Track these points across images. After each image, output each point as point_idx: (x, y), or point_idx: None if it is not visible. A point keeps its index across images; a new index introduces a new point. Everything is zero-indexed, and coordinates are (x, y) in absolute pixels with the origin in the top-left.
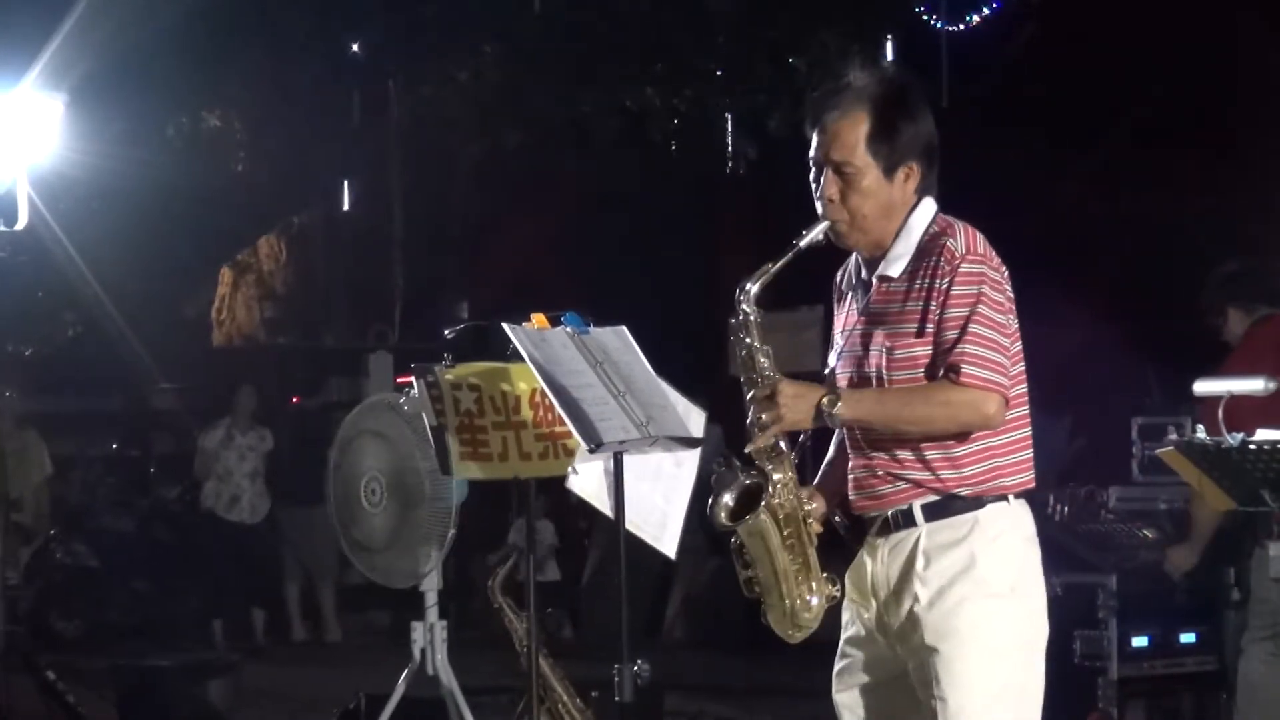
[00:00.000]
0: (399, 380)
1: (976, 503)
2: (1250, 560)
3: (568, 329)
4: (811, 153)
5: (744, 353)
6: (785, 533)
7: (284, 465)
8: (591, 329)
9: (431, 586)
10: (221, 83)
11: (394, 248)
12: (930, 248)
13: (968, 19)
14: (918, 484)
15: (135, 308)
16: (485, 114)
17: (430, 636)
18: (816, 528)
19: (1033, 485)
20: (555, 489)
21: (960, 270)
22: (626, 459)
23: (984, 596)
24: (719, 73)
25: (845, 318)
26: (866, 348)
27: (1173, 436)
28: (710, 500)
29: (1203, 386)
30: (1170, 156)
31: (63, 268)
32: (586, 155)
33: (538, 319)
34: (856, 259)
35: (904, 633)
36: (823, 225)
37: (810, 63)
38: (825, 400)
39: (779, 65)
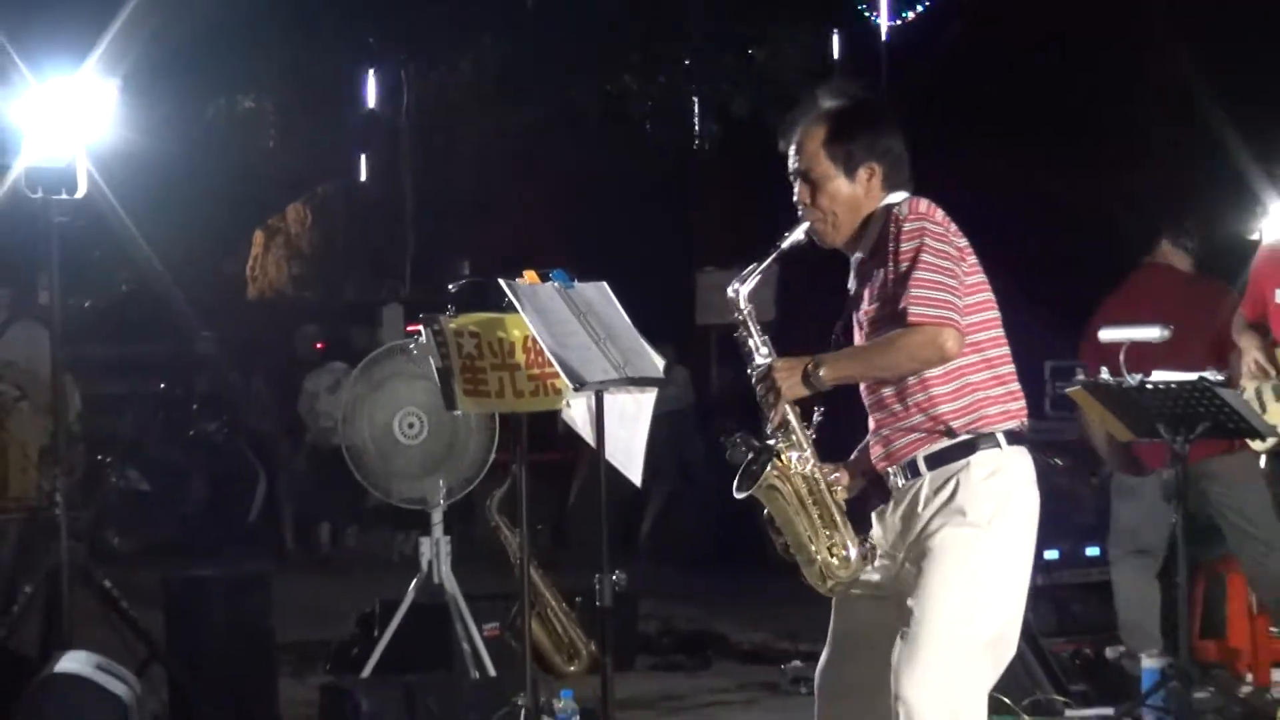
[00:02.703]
0: (409, 329)
1: (969, 447)
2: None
3: (556, 284)
4: (789, 167)
5: (744, 348)
6: (807, 499)
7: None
8: (576, 284)
9: (437, 507)
10: (254, 70)
11: (405, 214)
12: (885, 222)
13: (903, 15)
14: (915, 432)
15: (179, 266)
16: (486, 98)
17: (436, 551)
18: (843, 494)
19: (1023, 419)
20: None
21: (904, 229)
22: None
23: (961, 524)
24: (688, 62)
25: (851, 303)
26: (856, 319)
27: (1079, 377)
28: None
29: (1107, 334)
30: (1083, 142)
31: (116, 232)
32: (575, 133)
33: (529, 275)
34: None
35: (909, 564)
36: (802, 227)
37: (768, 54)
38: (810, 365)
39: (741, 56)
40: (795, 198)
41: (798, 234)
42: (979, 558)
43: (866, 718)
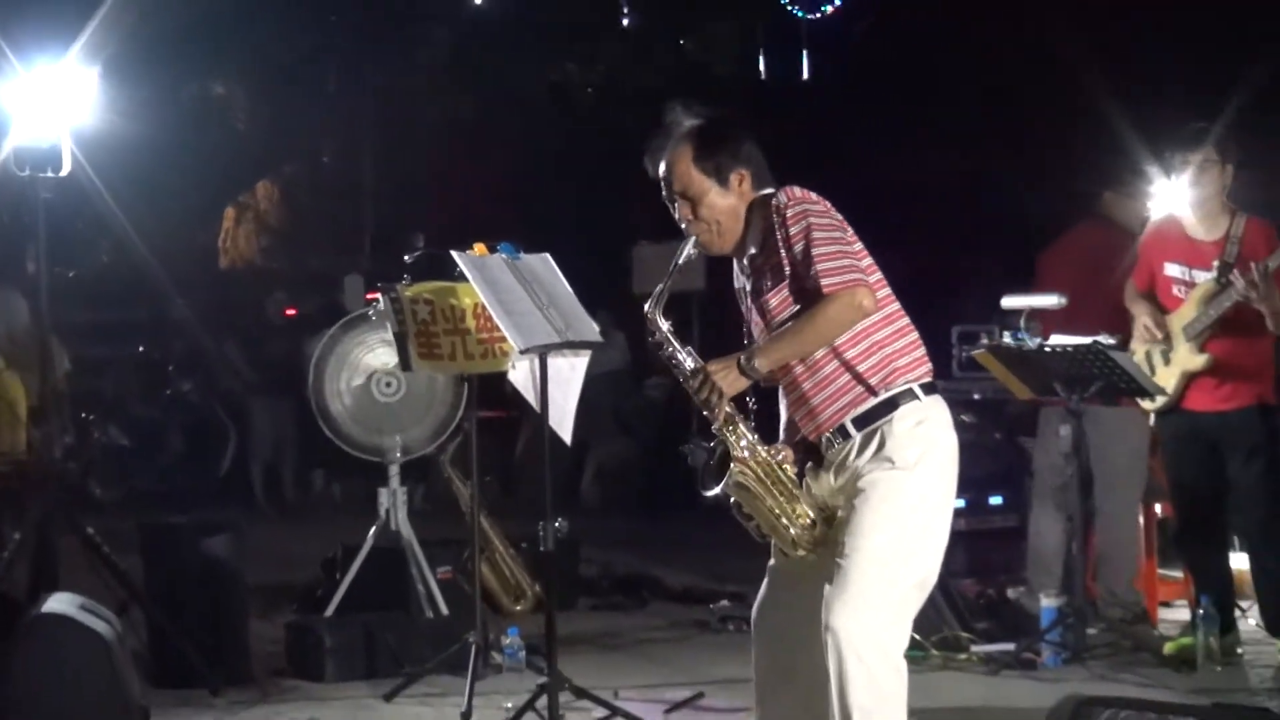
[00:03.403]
0: (368, 296)
1: (892, 404)
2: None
3: (503, 256)
4: (664, 192)
5: (671, 361)
6: (766, 482)
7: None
8: (522, 256)
9: (395, 461)
10: (225, 58)
11: (365, 191)
12: (763, 215)
13: (822, 9)
14: (839, 399)
15: (156, 238)
16: (439, 85)
17: (394, 500)
18: (791, 470)
19: (930, 369)
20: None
21: (788, 215)
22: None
23: (890, 469)
24: (623, 53)
25: (746, 300)
26: (762, 314)
27: (984, 341)
28: (699, 477)
29: (1009, 301)
30: (988, 123)
31: (97, 207)
32: (522, 117)
33: (479, 248)
34: (738, 269)
35: (836, 512)
36: (690, 241)
37: (698, 46)
38: (742, 360)
39: (673, 46)
40: (677, 217)
41: (688, 250)
42: (907, 499)
43: (799, 652)
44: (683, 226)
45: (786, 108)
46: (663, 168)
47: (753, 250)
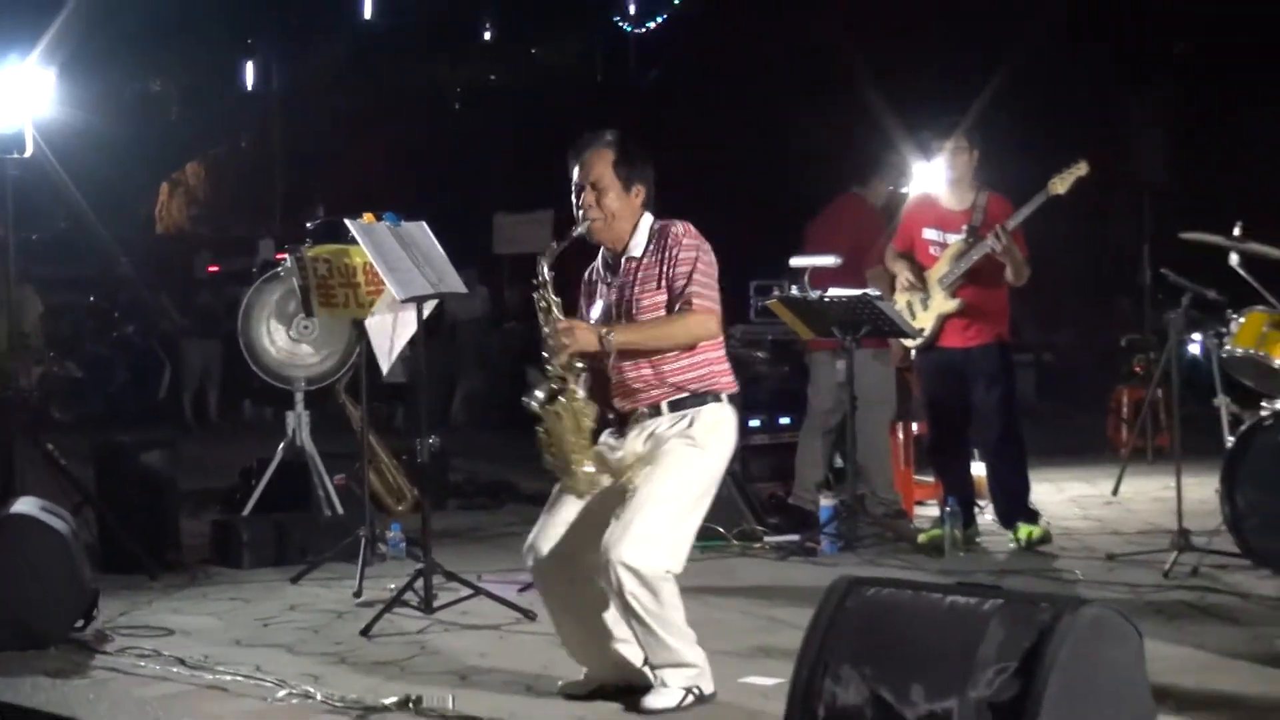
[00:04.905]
0: (278, 256)
1: (701, 399)
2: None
3: (387, 223)
4: (574, 180)
5: (543, 305)
6: (572, 423)
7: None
8: (403, 223)
9: (301, 389)
10: (161, 60)
11: (275, 170)
12: (662, 234)
13: (647, 25)
14: (663, 387)
15: (105, 209)
16: (336, 81)
17: (299, 421)
18: (591, 424)
19: (735, 385)
20: None
21: (684, 243)
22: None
23: (690, 444)
24: (486, 58)
25: (600, 293)
26: (622, 304)
27: (776, 292)
28: (526, 393)
29: (796, 261)
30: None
31: (55, 182)
32: (404, 110)
33: (368, 216)
34: (600, 263)
35: (639, 470)
36: (586, 223)
37: (547, 54)
38: (604, 331)
39: (525, 53)
40: (579, 203)
41: (583, 228)
42: (696, 469)
43: (582, 589)
44: (579, 213)
45: (617, 103)
46: (584, 158)
47: (636, 254)
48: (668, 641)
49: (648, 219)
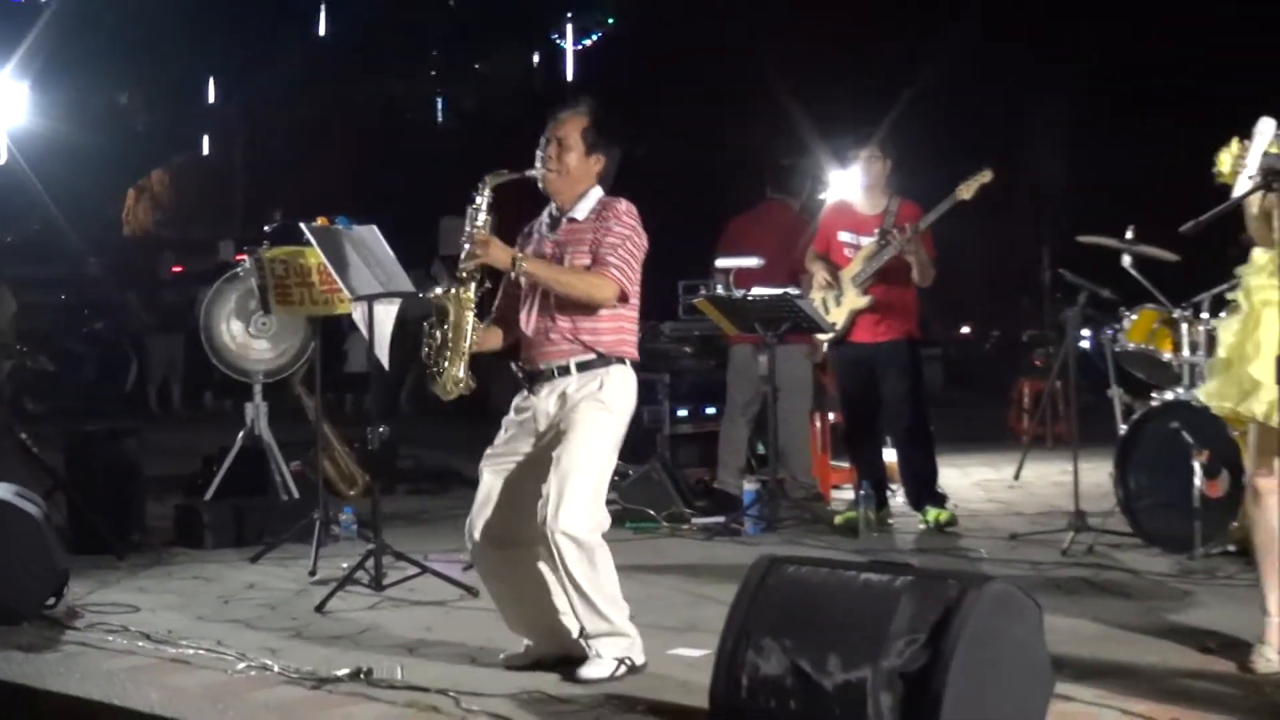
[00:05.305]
0: (238, 257)
1: (607, 362)
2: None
3: (339, 226)
4: (545, 134)
5: (473, 212)
6: (459, 322)
7: (155, 309)
8: (354, 226)
9: (259, 381)
10: (127, 74)
11: (236, 177)
12: (606, 206)
13: (582, 42)
14: (574, 345)
15: (75, 213)
16: (293, 95)
17: (257, 412)
18: (475, 340)
19: (638, 357)
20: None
21: (623, 219)
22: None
23: (600, 408)
24: (433, 73)
25: (535, 244)
26: (552, 260)
27: (703, 292)
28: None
29: (722, 262)
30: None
31: (28, 188)
32: (357, 121)
33: (321, 220)
34: (546, 216)
35: (553, 435)
36: (542, 170)
37: (490, 67)
38: (518, 256)
39: (469, 68)
40: (541, 153)
41: (538, 172)
42: (607, 432)
43: (518, 567)
44: (538, 163)
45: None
46: (560, 117)
47: (578, 217)
48: (603, 610)
49: (598, 191)
